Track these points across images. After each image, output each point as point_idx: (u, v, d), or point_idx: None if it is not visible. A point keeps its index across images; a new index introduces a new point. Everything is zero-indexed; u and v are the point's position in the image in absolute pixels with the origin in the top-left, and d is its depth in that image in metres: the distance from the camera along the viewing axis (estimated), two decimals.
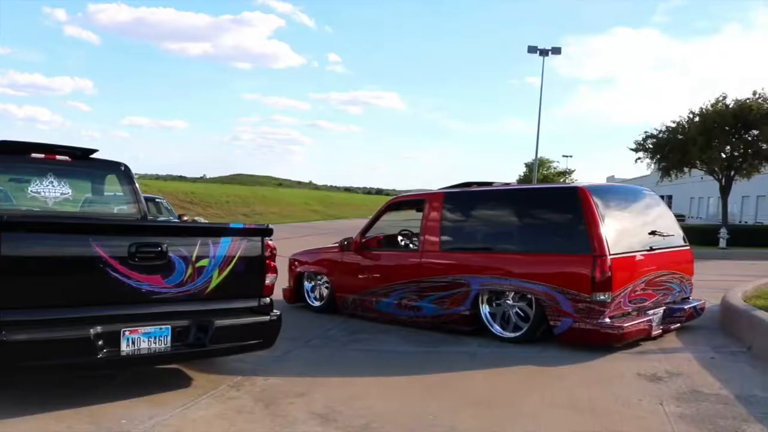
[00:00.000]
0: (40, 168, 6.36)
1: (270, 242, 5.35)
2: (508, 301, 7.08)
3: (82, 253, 4.45)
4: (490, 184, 8.36)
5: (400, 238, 8.81)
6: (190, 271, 4.86)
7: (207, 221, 19.54)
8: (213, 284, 4.99)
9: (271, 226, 5.42)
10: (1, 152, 6.25)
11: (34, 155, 6.34)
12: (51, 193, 6.37)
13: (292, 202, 46.27)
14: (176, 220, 13.07)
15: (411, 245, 8.57)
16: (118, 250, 4.53)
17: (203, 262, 4.93)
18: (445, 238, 7.72)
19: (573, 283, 6.54)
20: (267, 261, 5.30)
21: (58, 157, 6.46)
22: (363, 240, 8.55)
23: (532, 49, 38.96)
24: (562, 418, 4.69)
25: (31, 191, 6.33)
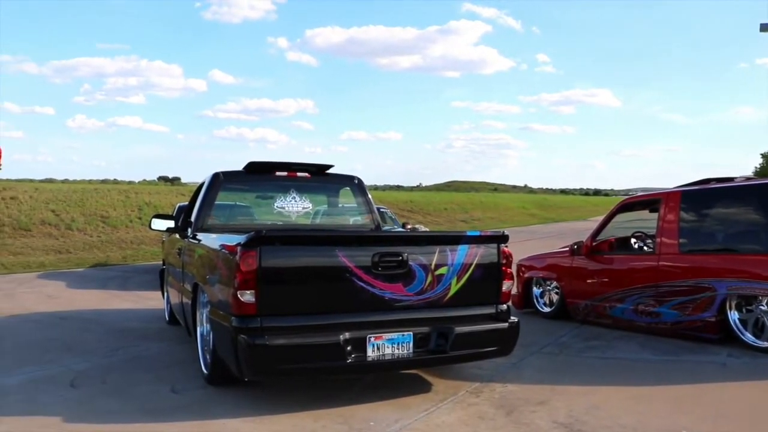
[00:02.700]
0: (283, 185, 6.89)
1: (506, 249, 5.35)
2: (761, 307, 6.47)
3: (330, 263, 4.74)
4: (731, 179, 7.71)
5: (633, 240, 8.39)
6: (429, 279, 4.99)
7: (428, 229, 19.96)
8: (452, 291, 5.09)
9: (506, 232, 5.42)
10: (249, 172, 6.85)
11: (278, 173, 6.88)
12: (293, 207, 6.87)
13: (509, 207, 45.99)
14: (402, 229, 13.47)
15: (645, 248, 8.13)
16: (363, 260, 4.78)
17: (442, 270, 5.04)
18: (684, 239, 7.23)
19: None
20: (503, 267, 5.31)
21: (299, 174, 6.95)
22: (594, 243, 8.26)
23: (765, 27, 35.47)
24: None
25: (276, 206, 6.87)
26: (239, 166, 6.85)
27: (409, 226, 15.11)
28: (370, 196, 7.24)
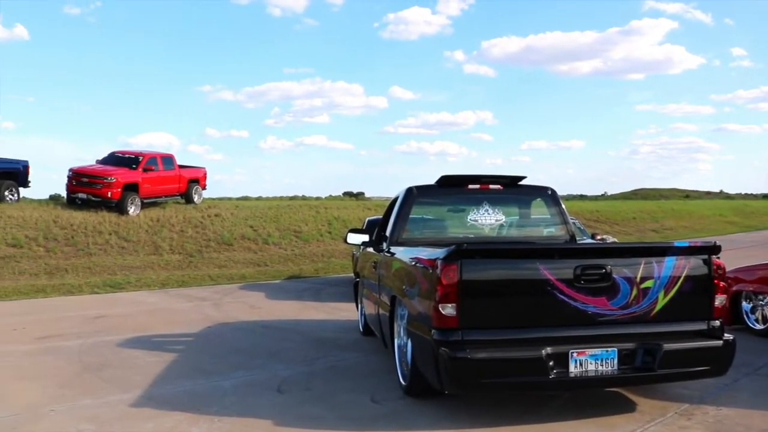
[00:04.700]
0: (475, 198, 6.87)
1: (718, 260, 4.99)
2: None
3: (530, 276, 4.66)
4: None
5: None
6: (634, 292, 4.77)
7: (616, 240, 19.15)
8: (659, 306, 4.82)
9: (718, 242, 5.05)
10: (441, 186, 6.90)
11: (470, 186, 6.87)
12: (486, 220, 6.83)
13: (703, 215, 42.95)
14: (591, 240, 13.03)
15: None
16: (564, 273, 4.65)
17: (648, 283, 4.80)
18: None
19: None
20: (715, 280, 4.95)
21: (491, 186, 6.90)
22: None
23: None
24: None
25: (469, 219, 6.86)
26: (420, 180, 6.92)
27: (598, 237, 14.60)
28: (564, 206, 7.05)
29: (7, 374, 6.76)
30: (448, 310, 4.54)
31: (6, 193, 19.24)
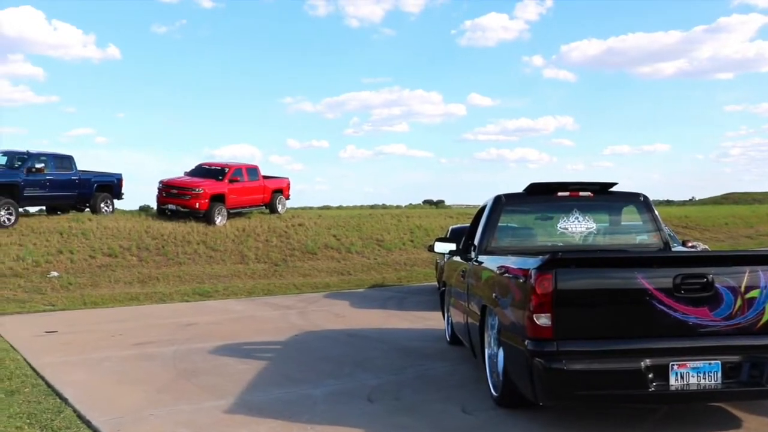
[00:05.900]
0: (565, 205, 6.73)
1: None
2: None
3: (627, 285, 4.52)
4: None
5: None
6: (739, 302, 4.55)
7: (707, 247, 18.42)
8: (766, 317, 4.59)
9: None
10: (530, 193, 6.80)
11: (559, 194, 6.74)
12: (577, 227, 6.68)
13: None
14: (682, 247, 12.59)
15: None
16: (663, 282, 4.49)
17: (753, 293, 4.58)
18: None
19: None
20: None
21: (581, 193, 6.75)
22: None
23: None
24: None
25: (559, 227, 6.73)
26: (501, 188, 6.82)
27: (689, 244, 14.10)
28: (657, 213, 6.83)
29: (111, 378, 7.04)
30: (543, 320, 4.46)
31: (102, 205, 20.10)
